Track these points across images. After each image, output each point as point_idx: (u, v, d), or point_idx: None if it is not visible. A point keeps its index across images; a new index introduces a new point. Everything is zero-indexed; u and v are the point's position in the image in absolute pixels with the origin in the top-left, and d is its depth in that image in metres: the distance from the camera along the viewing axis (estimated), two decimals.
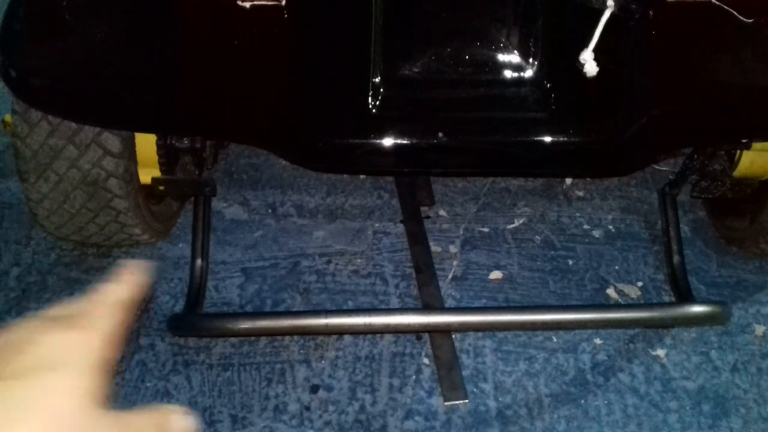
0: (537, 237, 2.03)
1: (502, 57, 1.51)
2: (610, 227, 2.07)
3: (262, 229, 2.04)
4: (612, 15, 1.28)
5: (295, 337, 1.76)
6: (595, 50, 1.30)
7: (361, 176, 2.19)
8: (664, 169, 2.20)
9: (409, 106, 1.47)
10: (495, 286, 1.90)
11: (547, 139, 1.43)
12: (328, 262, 1.95)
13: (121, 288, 0.53)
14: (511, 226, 2.06)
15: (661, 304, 1.84)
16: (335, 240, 2.01)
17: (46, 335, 0.46)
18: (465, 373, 1.69)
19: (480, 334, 1.77)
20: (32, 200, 1.66)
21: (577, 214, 2.10)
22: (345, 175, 2.18)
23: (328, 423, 1.60)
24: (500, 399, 1.65)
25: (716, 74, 1.36)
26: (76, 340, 0.46)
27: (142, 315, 1.79)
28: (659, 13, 1.29)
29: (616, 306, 1.83)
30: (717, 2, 1.24)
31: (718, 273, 1.96)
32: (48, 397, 0.43)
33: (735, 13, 1.25)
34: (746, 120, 1.45)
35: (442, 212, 2.10)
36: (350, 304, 1.84)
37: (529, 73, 1.51)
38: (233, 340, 1.75)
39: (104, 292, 0.52)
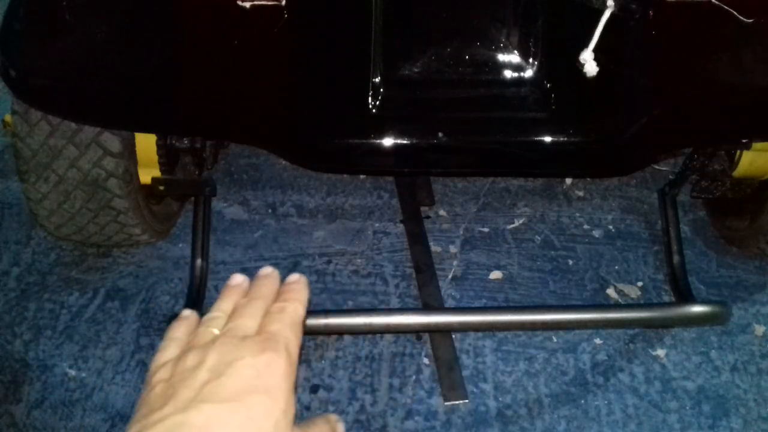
0: (537, 237, 2.03)
1: (502, 57, 1.51)
2: (610, 227, 2.07)
3: (262, 229, 2.04)
4: (612, 15, 1.28)
5: None
6: (595, 50, 1.30)
7: (361, 176, 2.19)
8: (664, 169, 2.20)
9: (409, 106, 1.47)
10: (495, 286, 1.90)
11: (547, 139, 1.43)
12: (328, 262, 1.95)
13: (300, 308, 0.56)
14: (511, 226, 2.06)
15: (661, 304, 1.84)
16: (335, 240, 2.01)
17: (245, 358, 0.49)
18: (465, 373, 1.69)
19: (480, 334, 1.77)
20: (32, 200, 1.66)
21: (577, 214, 2.10)
22: (345, 175, 2.18)
23: None
24: (500, 399, 1.65)
25: (716, 74, 1.36)
26: (275, 362, 0.50)
27: None
28: (659, 13, 1.29)
29: (616, 306, 1.83)
30: (717, 2, 1.24)
31: (718, 273, 1.96)
32: (263, 420, 0.47)
33: (735, 13, 1.25)
34: (746, 120, 1.45)
35: (442, 212, 2.10)
36: (350, 304, 1.85)
37: (529, 73, 1.51)
38: None
39: (284, 310, 0.55)
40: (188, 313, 0.59)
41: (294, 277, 0.60)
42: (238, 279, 0.61)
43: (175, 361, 0.53)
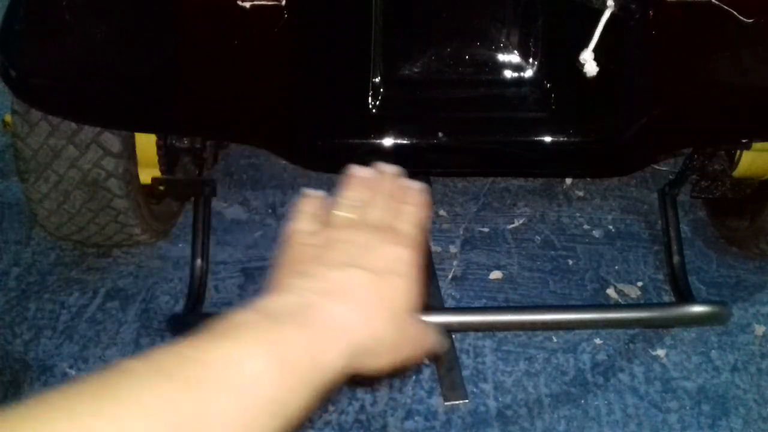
0: (537, 237, 2.03)
1: (502, 57, 1.51)
2: (610, 227, 2.07)
3: (262, 229, 2.04)
4: (612, 15, 1.28)
5: None
6: (595, 50, 1.30)
7: None
8: (664, 169, 2.20)
9: (409, 106, 1.47)
10: (495, 286, 1.90)
11: (547, 139, 1.43)
12: None
13: (422, 211, 0.62)
14: (511, 226, 2.06)
15: (661, 304, 1.84)
16: None
17: (386, 245, 0.56)
18: (465, 373, 1.69)
19: (480, 334, 1.77)
20: (32, 200, 1.66)
21: (577, 214, 2.10)
22: None
23: (328, 423, 1.60)
24: (500, 399, 1.65)
25: (716, 74, 1.36)
26: (406, 254, 0.57)
27: None
28: (659, 13, 1.29)
29: (616, 306, 1.83)
30: (717, 2, 1.24)
31: (718, 273, 1.96)
32: (398, 294, 0.55)
33: (735, 13, 1.25)
34: (746, 120, 1.45)
35: (442, 212, 2.10)
36: None
37: (529, 73, 1.51)
38: None
39: (411, 213, 0.61)
40: (314, 192, 0.63)
41: (417, 184, 0.64)
42: (364, 171, 0.64)
43: (319, 233, 0.58)
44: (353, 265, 0.54)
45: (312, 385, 0.49)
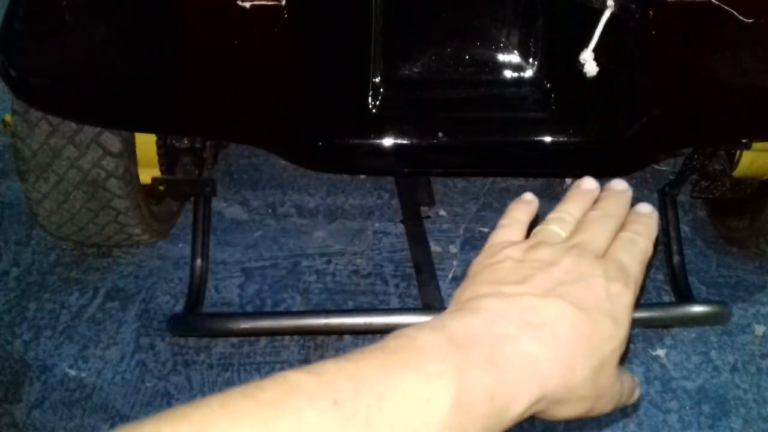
0: None
1: (502, 57, 1.51)
2: None
3: (262, 229, 2.04)
4: (612, 15, 1.28)
5: (295, 337, 1.76)
6: (595, 50, 1.30)
7: (361, 176, 2.19)
8: (664, 169, 2.20)
9: (409, 106, 1.47)
10: None
11: (547, 139, 1.43)
12: (328, 262, 1.95)
13: (650, 246, 0.53)
14: None
15: (661, 304, 1.84)
16: (335, 240, 2.01)
17: (599, 277, 0.48)
18: None
19: None
20: (32, 200, 1.66)
21: None
22: (345, 175, 2.18)
23: None
24: None
25: (716, 74, 1.36)
26: (624, 294, 0.48)
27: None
28: (659, 13, 1.29)
29: None
30: (717, 2, 1.24)
31: (718, 273, 1.96)
32: (606, 338, 0.46)
33: (735, 13, 1.25)
34: (746, 120, 1.45)
35: (442, 212, 2.10)
36: (350, 304, 1.84)
37: (529, 73, 1.51)
38: (233, 340, 1.75)
39: (636, 244, 0.52)
40: (531, 198, 0.57)
41: (647, 208, 0.55)
42: (592, 184, 0.57)
43: (526, 248, 0.51)
44: (560, 295, 0.46)
45: (488, 427, 0.42)
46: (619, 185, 0.57)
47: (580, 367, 0.45)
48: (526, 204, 0.56)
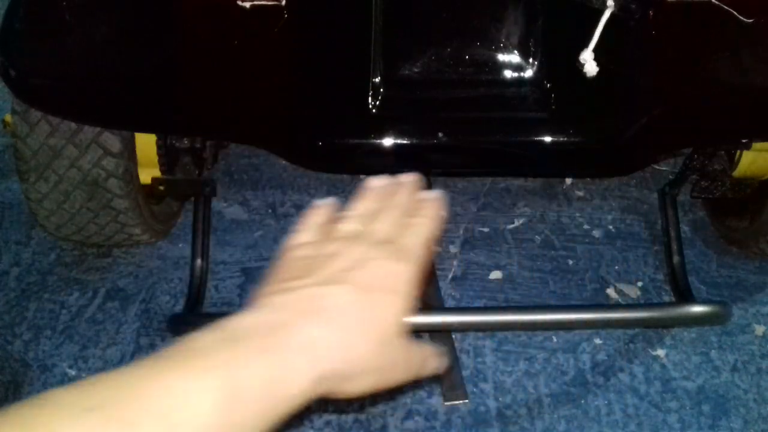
0: (537, 237, 2.03)
1: (502, 57, 1.51)
2: (610, 227, 2.07)
3: (262, 229, 2.04)
4: (612, 15, 1.28)
5: None
6: (595, 50, 1.30)
7: (361, 176, 2.19)
8: (664, 169, 2.20)
9: (409, 106, 1.47)
10: (495, 286, 1.90)
11: (547, 139, 1.43)
12: None
13: (432, 225, 0.59)
14: (511, 226, 2.06)
15: (661, 304, 1.84)
16: None
17: (382, 260, 0.53)
18: (465, 373, 1.69)
19: (480, 334, 1.77)
20: (32, 200, 1.66)
21: (577, 214, 2.10)
22: (345, 175, 2.18)
23: (328, 423, 1.60)
24: (500, 399, 1.65)
25: (716, 74, 1.36)
26: (406, 272, 0.53)
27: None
28: (659, 13, 1.29)
29: (616, 306, 1.83)
30: (717, 2, 1.24)
31: (718, 273, 1.96)
32: (386, 313, 0.51)
33: (735, 13, 1.25)
34: (746, 120, 1.45)
35: (442, 212, 2.09)
36: None
37: (529, 73, 1.51)
38: None
39: (420, 226, 0.58)
40: (328, 202, 0.61)
41: (432, 193, 0.61)
42: (379, 182, 0.62)
43: (315, 245, 0.55)
44: (341, 281, 0.50)
45: (267, 414, 0.44)
46: (405, 177, 0.62)
47: (362, 342, 0.49)
48: (320, 208, 0.61)
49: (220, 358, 0.43)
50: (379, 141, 1.43)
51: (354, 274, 0.51)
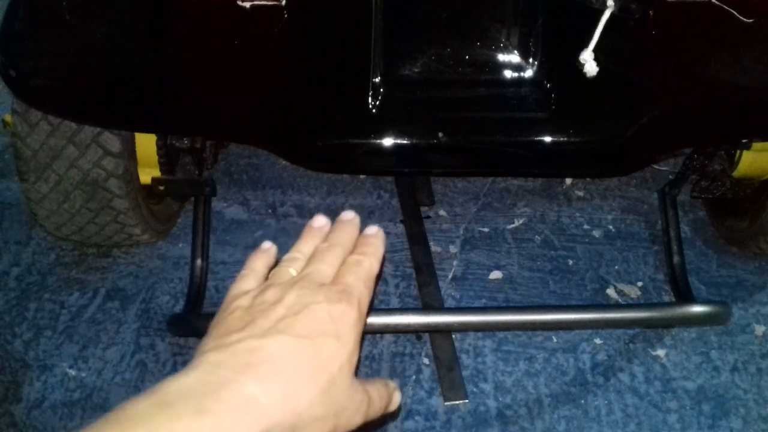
0: (537, 237, 2.03)
1: (502, 57, 1.51)
2: (610, 227, 2.07)
3: (262, 229, 2.04)
4: (612, 15, 1.28)
5: None
6: (595, 50, 1.30)
7: (361, 176, 2.19)
8: (664, 169, 2.20)
9: (409, 106, 1.47)
10: (495, 286, 1.90)
11: (547, 139, 1.43)
12: None
13: (375, 263, 0.58)
14: (511, 226, 2.06)
15: (661, 304, 1.84)
16: None
17: (321, 303, 0.52)
18: (465, 373, 1.69)
19: (480, 334, 1.77)
20: (32, 200, 1.66)
21: (577, 214, 2.10)
22: (345, 175, 2.18)
23: None
24: (500, 399, 1.65)
25: (716, 74, 1.36)
26: (347, 313, 0.52)
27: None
28: (659, 13, 1.29)
29: (616, 306, 1.83)
30: (717, 2, 1.24)
31: (718, 273, 1.96)
32: (328, 359, 0.49)
33: (735, 13, 1.25)
34: (746, 120, 1.45)
35: (442, 212, 2.10)
36: None
37: (529, 73, 1.51)
38: None
39: (360, 264, 0.57)
40: (268, 246, 0.61)
41: (372, 230, 0.61)
42: (321, 221, 0.63)
43: (255, 293, 0.55)
44: (280, 331, 0.49)
45: None
46: (346, 216, 0.62)
47: (305, 391, 0.48)
48: (263, 253, 0.61)
49: (153, 424, 0.42)
50: (378, 141, 1.43)
51: (293, 322, 0.50)
